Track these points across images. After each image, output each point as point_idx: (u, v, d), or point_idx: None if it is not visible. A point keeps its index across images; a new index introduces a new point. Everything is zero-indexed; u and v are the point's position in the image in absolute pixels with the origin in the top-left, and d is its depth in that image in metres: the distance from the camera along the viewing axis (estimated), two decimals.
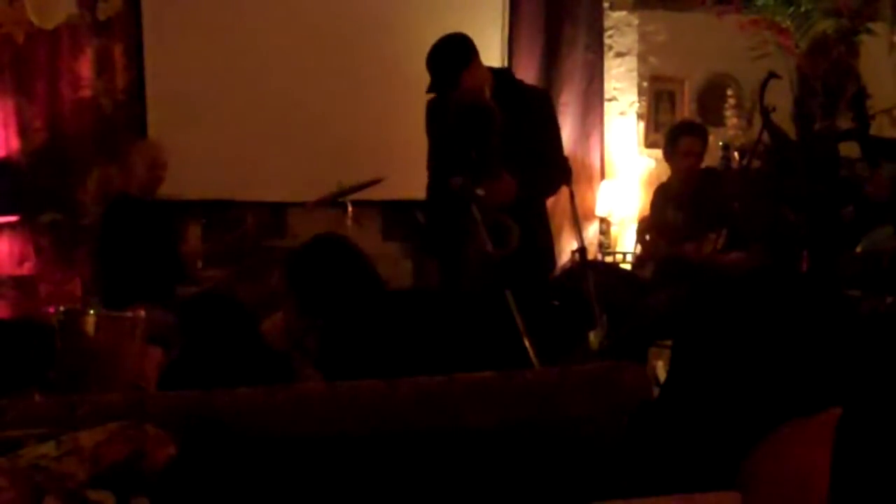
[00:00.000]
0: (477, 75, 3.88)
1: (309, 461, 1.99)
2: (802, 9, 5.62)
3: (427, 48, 3.80)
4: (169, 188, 4.97)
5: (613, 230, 6.39)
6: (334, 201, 5.10)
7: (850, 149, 5.24)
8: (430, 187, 4.16)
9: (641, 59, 6.40)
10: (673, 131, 5.08)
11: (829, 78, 5.61)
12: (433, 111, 4.14)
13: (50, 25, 5.48)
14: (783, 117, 5.25)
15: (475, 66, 3.90)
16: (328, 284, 2.87)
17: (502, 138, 3.88)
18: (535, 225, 4.08)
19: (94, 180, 5.62)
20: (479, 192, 3.73)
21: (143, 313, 4.09)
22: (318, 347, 2.91)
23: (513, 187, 3.84)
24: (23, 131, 5.52)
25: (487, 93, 3.88)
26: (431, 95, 4.10)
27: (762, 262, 4.61)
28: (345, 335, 2.80)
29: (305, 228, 5.57)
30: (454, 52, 3.85)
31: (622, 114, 6.44)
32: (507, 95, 3.96)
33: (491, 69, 4.06)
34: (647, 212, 5.40)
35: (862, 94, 4.53)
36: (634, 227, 5.82)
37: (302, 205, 5.38)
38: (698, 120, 6.00)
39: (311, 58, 4.99)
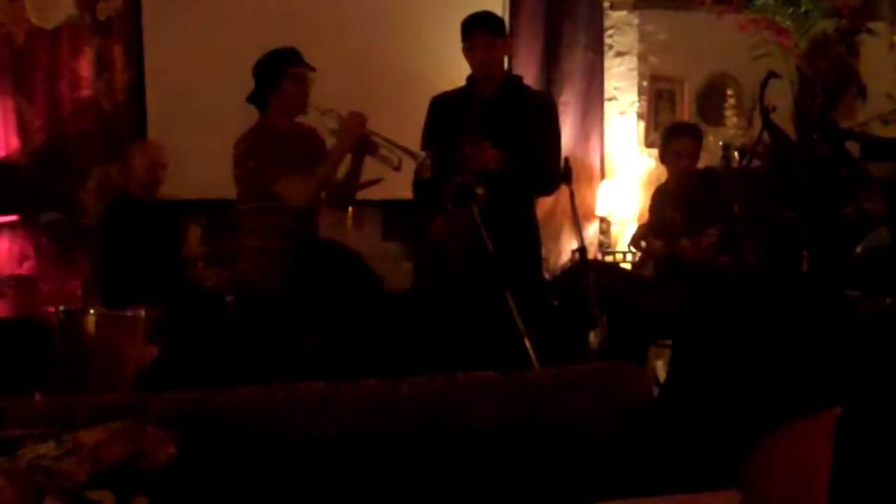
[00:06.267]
0: (504, 54, 4.23)
1: (309, 461, 1.99)
2: (802, 9, 5.61)
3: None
4: (169, 188, 4.96)
5: (613, 230, 6.38)
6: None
7: (850, 149, 5.25)
8: (420, 185, 4.17)
9: (641, 58, 6.39)
10: (666, 133, 5.09)
11: (829, 78, 5.61)
12: (435, 109, 4.18)
13: (50, 25, 5.48)
14: (783, 117, 5.25)
15: (508, 46, 4.33)
16: (327, 290, 2.87)
17: (502, 138, 3.92)
18: (523, 224, 4.10)
19: (94, 180, 5.62)
20: (479, 191, 3.75)
21: (143, 313, 4.09)
22: (319, 349, 2.92)
23: (496, 156, 3.87)
24: (23, 131, 5.51)
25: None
26: (435, 94, 4.22)
27: (762, 262, 4.61)
28: (345, 336, 2.80)
29: None
30: (502, 20, 4.31)
31: (622, 113, 6.44)
32: (512, 98, 4.03)
33: (506, 71, 4.27)
34: (645, 215, 5.40)
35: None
36: (634, 227, 5.82)
37: None
38: (698, 120, 6.00)
39: (310, 57, 4.97)
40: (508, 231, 3.88)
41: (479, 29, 4.01)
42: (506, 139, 3.93)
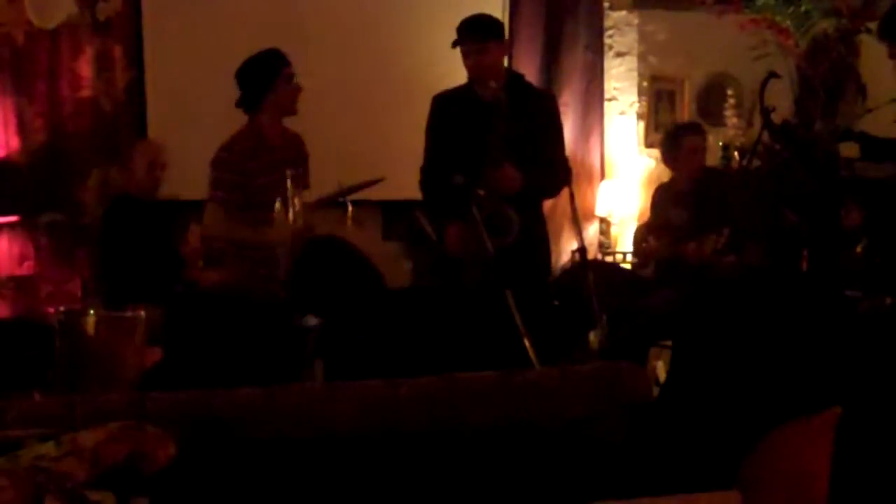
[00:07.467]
0: (500, 56, 4.11)
1: (309, 461, 1.99)
2: (802, 9, 5.62)
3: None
4: (169, 188, 4.96)
5: (613, 230, 6.39)
6: (335, 201, 5.09)
7: (850, 149, 5.24)
8: (427, 184, 4.18)
9: (641, 58, 6.39)
10: (675, 132, 5.08)
11: (829, 78, 5.62)
12: (438, 107, 4.18)
13: (50, 25, 5.48)
14: (783, 117, 5.25)
15: (503, 47, 4.17)
16: (331, 286, 2.87)
17: (507, 137, 3.92)
18: (532, 225, 4.10)
19: (94, 180, 5.61)
20: (480, 191, 3.75)
21: (143, 313, 4.08)
22: (319, 347, 2.92)
23: (517, 177, 3.89)
24: (23, 131, 5.51)
25: (494, 85, 4.01)
26: (436, 93, 4.23)
27: (762, 262, 4.61)
28: (347, 335, 2.80)
29: None
30: (497, 22, 4.15)
31: (622, 114, 6.44)
32: (515, 97, 4.03)
33: (507, 69, 4.25)
34: (647, 214, 5.40)
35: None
36: (634, 227, 5.82)
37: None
38: (698, 120, 6.01)
39: (310, 57, 4.98)
40: (520, 233, 3.90)
41: (465, 36, 3.99)
42: (514, 145, 3.94)
